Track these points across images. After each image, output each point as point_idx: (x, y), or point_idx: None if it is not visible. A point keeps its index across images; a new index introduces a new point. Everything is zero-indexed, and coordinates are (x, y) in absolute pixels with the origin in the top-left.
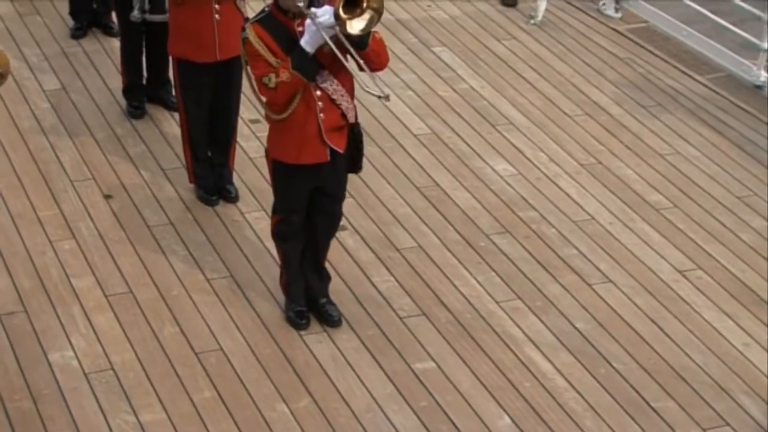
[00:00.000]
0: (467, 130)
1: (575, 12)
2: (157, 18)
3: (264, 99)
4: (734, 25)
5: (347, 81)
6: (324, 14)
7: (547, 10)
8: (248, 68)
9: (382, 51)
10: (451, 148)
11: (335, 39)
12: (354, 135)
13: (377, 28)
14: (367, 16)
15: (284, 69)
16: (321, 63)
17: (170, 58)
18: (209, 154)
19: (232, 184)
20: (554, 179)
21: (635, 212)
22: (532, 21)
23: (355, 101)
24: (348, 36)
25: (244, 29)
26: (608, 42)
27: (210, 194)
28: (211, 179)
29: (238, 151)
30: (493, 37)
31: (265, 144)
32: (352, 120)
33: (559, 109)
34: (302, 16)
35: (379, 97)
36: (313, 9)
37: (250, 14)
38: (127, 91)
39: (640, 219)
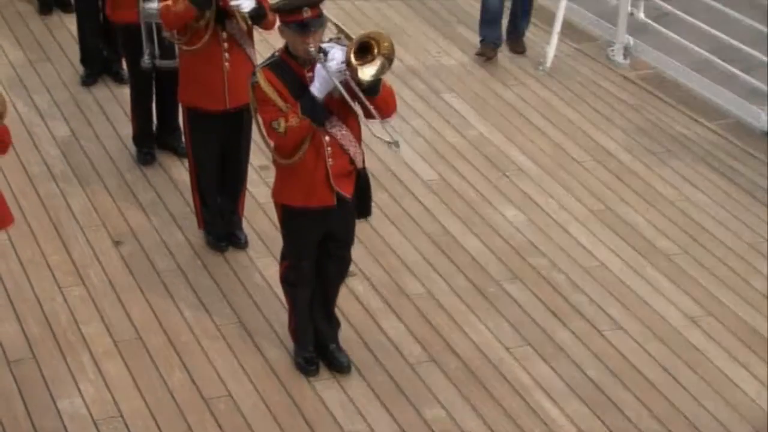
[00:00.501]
0: (477, 176)
1: (584, 59)
2: (167, 64)
3: (272, 144)
4: (743, 71)
5: (355, 127)
6: (334, 59)
7: (556, 56)
8: (257, 114)
9: (391, 99)
10: (460, 194)
11: (345, 85)
12: (361, 180)
13: (387, 77)
14: (378, 62)
15: (293, 114)
16: (330, 109)
17: (179, 106)
18: (219, 200)
19: (241, 230)
20: (564, 225)
21: (645, 258)
22: (541, 68)
23: (365, 147)
24: (358, 82)
25: (254, 74)
26: (617, 88)
27: (219, 240)
28: (221, 225)
29: (247, 198)
30: (502, 83)
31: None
32: (360, 165)
33: (569, 155)
34: (312, 63)
35: (389, 143)
36: (322, 54)
37: (260, 62)
38: (137, 138)
39: (651, 265)
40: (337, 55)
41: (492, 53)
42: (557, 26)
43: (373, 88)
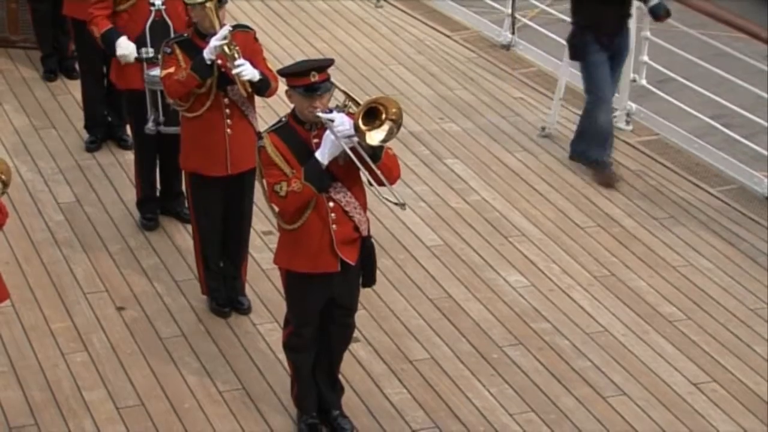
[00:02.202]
0: (479, 241)
1: None
2: (172, 130)
3: (276, 208)
4: (745, 137)
5: (360, 194)
6: (341, 124)
7: (558, 122)
8: (262, 178)
9: (394, 166)
10: (463, 259)
11: (353, 150)
12: (366, 248)
13: (390, 143)
14: (386, 127)
15: (297, 179)
16: (335, 175)
17: (182, 171)
18: (222, 265)
19: (244, 295)
20: (567, 291)
21: (648, 324)
22: (543, 133)
23: (368, 213)
24: (364, 148)
25: (260, 137)
26: (620, 154)
27: (222, 306)
28: (224, 291)
29: (250, 263)
30: (504, 148)
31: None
32: (364, 233)
33: (572, 220)
34: (319, 128)
35: (396, 204)
36: (326, 115)
37: (263, 128)
38: (140, 204)
39: (654, 331)
40: (345, 120)
41: (612, 174)
42: (559, 92)
43: (374, 155)
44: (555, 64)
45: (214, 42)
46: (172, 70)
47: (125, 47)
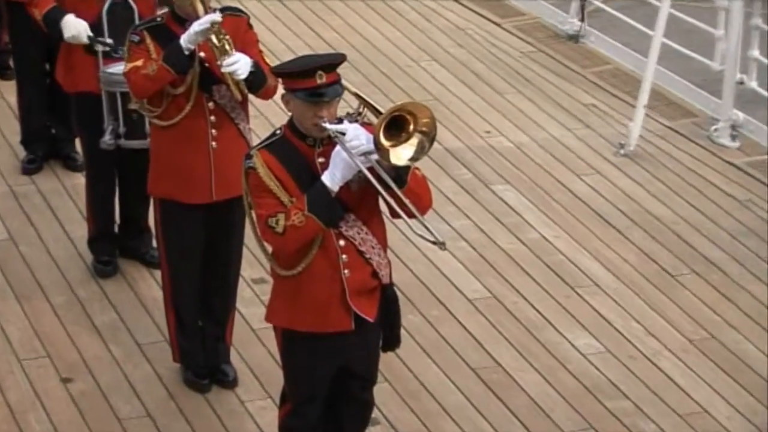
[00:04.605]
0: (538, 293)
1: (679, 140)
2: (135, 144)
3: (270, 248)
4: None
5: (379, 229)
6: (356, 137)
7: (641, 136)
8: (252, 210)
9: (424, 193)
10: (516, 316)
11: (370, 171)
12: (387, 299)
13: (419, 162)
14: (415, 141)
15: (297, 210)
16: (346, 205)
17: (151, 199)
18: (200, 323)
19: (229, 363)
20: (653, 359)
21: (761, 402)
22: (622, 151)
23: (389, 254)
24: (384, 168)
25: (249, 156)
26: (722, 179)
27: (200, 377)
28: (202, 357)
29: (237, 320)
30: (570, 171)
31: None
32: (385, 280)
33: (659, 266)
34: (325, 144)
35: (433, 242)
36: (335, 127)
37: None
38: (93, 242)
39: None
40: (360, 133)
41: None
42: (644, 97)
43: (398, 178)
44: (637, 61)
45: (195, 27)
46: (139, 63)
47: (73, 26)
